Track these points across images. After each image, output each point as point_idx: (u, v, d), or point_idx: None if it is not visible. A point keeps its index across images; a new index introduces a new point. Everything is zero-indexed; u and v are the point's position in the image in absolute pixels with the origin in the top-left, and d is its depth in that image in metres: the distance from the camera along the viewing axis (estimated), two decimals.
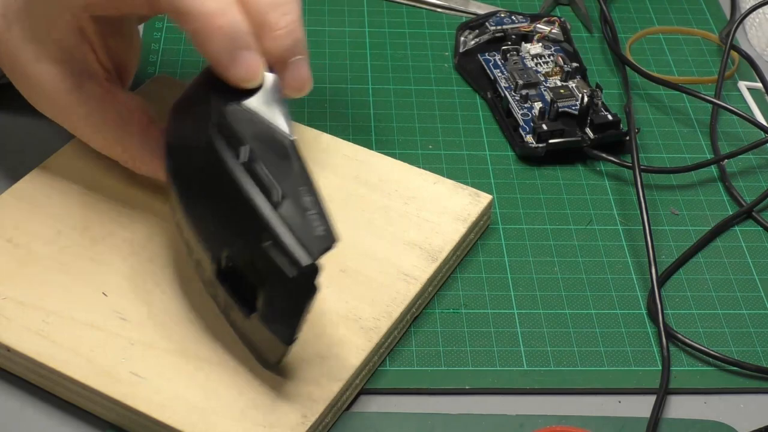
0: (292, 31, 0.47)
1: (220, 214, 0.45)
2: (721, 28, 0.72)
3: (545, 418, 0.48)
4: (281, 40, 0.47)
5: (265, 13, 0.46)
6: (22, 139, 0.59)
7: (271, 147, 0.45)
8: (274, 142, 0.46)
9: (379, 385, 0.49)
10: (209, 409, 0.45)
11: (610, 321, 0.53)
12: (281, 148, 0.45)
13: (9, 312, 0.48)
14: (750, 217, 0.59)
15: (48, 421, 0.47)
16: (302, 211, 0.43)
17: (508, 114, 0.63)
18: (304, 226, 0.43)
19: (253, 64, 0.46)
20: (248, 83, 0.46)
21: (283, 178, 0.44)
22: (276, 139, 0.46)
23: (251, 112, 0.46)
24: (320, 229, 0.43)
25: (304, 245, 0.42)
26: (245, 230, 0.44)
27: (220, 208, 0.45)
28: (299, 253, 0.42)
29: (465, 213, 0.54)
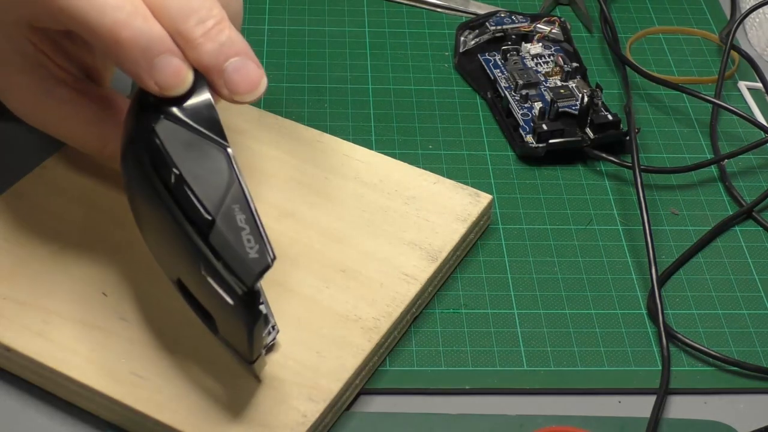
0: (214, 35, 0.44)
1: (162, 241, 0.45)
2: (721, 28, 0.72)
3: (545, 418, 0.48)
4: (203, 47, 0.44)
5: (180, 23, 0.44)
6: (22, 139, 0.59)
7: (202, 162, 0.43)
8: (206, 155, 0.43)
9: (379, 385, 0.49)
10: (209, 409, 0.45)
11: (610, 321, 0.53)
12: (214, 161, 0.43)
13: (9, 312, 0.48)
14: (750, 217, 0.59)
15: (48, 421, 0.47)
16: (236, 232, 0.42)
17: (508, 114, 0.63)
18: (237, 249, 0.41)
19: (173, 68, 0.43)
20: (172, 90, 0.44)
21: (214, 197, 0.42)
22: (208, 151, 0.43)
23: (183, 124, 0.44)
24: (254, 250, 0.41)
25: (236, 273, 0.41)
26: (185, 258, 0.43)
27: (161, 236, 0.44)
28: (232, 282, 0.41)
29: (465, 213, 0.54)
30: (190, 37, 0.44)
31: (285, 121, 0.59)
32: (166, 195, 0.43)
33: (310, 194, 0.54)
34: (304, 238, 0.52)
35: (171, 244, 0.44)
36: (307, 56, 0.67)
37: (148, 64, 0.43)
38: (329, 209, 0.54)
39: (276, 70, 0.66)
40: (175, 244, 0.43)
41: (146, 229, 0.46)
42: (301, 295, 0.50)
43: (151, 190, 0.44)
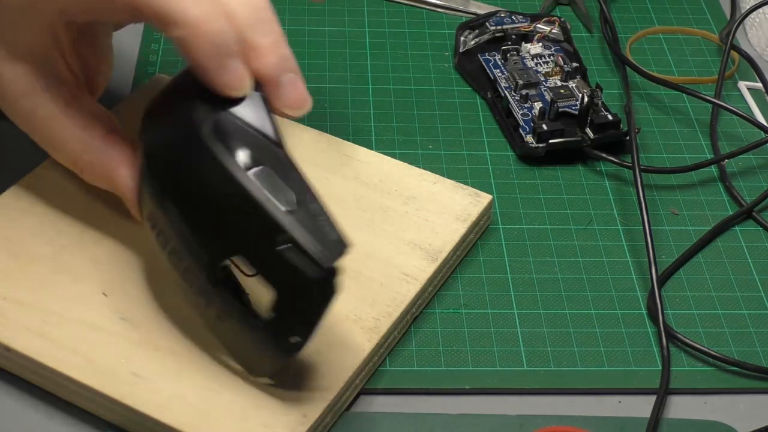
0: (277, 48, 0.46)
1: (223, 219, 0.44)
2: (721, 28, 0.72)
3: (545, 418, 0.48)
4: (268, 59, 0.46)
5: (249, 32, 0.46)
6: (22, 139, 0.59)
7: (268, 154, 0.45)
8: (269, 150, 0.45)
9: (379, 385, 0.49)
10: (209, 409, 0.45)
11: (610, 321, 0.53)
12: (277, 156, 0.45)
13: (9, 312, 0.48)
14: (750, 217, 0.59)
15: (48, 421, 0.47)
16: (313, 217, 0.43)
17: (508, 114, 0.63)
18: (318, 230, 0.43)
19: (241, 72, 0.45)
20: (237, 92, 0.45)
21: (288, 184, 0.44)
22: (270, 147, 0.45)
23: (242, 121, 0.45)
24: (334, 233, 0.43)
25: (324, 247, 0.42)
26: (256, 235, 0.43)
27: (222, 213, 0.44)
28: (321, 255, 0.42)
29: (465, 213, 0.54)
30: (257, 45, 0.46)
31: (285, 121, 0.58)
32: (244, 173, 0.43)
33: None
34: None
35: (237, 224, 0.44)
36: (307, 56, 0.67)
37: (218, 63, 0.45)
38: None
39: None
40: (244, 222, 0.43)
41: (187, 214, 0.45)
42: None
43: (218, 170, 0.44)
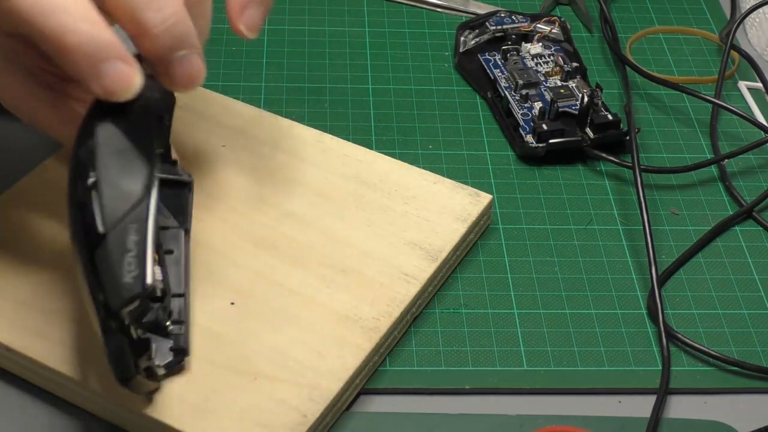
0: (170, 27, 0.44)
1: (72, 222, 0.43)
2: (721, 28, 0.72)
3: (545, 418, 0.48)
4: (158, 40, 0.44)
5: (138, 12, 0.43)
6: (22, 139, 0.59)
7: (124, 173, 0.43)
8: (131, 166, 0.43)
9: (379, 385, 0.49)
10: (209, 409, 0.45)
11: (610, 321, 0.53)
12: (135, 175, 0.43)
13: (9, 312, 0.48)
14: (750, 217, 0.59)
15: (48, 421, 0.47)
16: (121, 252, 0.41)
17: (508, 114, 0.63)
18: (115, 269, 0.41)
19: (119, 74, 0.43)
20: (119, 95, 0.43)
21: (118, 211, 0.42)
22: (134, 164, 0.43)
23: (125, 130, 0.44)
24: (131, 275, 0.40)
25: (108, 293, 0.40)
26: (80, 264, 0.42)
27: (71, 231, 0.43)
28: (104, 300, 0.41)
29: (465, 213, 0.54)
30: (149, 25, 0.43)
31: (285, 121, 0.59)
32: (81, 196, 0.42)
33: (310, 194, 0.54)
34: (304, 238, 0.52)
35: (75, 243, 0.43)
36: (307, 56, 0.67)
37: (94, 70, 0.43)
38: (329, 209, 0.54)
39: (276, 70, 0.66)
40: (76, 246, 0.42)
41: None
42: (301, 295, 0.50)
43: (72, 190, 0.43)
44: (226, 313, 0.48)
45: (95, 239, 0.41)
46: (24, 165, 0.56)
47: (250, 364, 0.47)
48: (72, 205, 0.43)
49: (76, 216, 0.42)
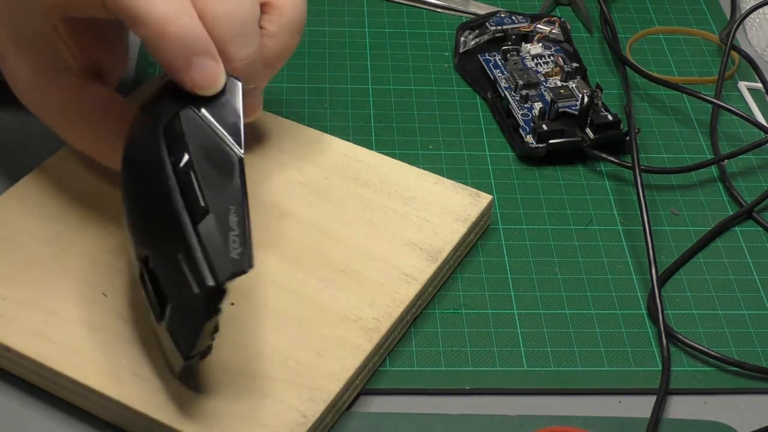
0: (249, 63, 0.47)
1: (150, 217, 0.45)
2: (721, 28, 0.72)
3: (545, 418, 0.48)
4: (235, 71, 0.47)
5: (228, 41, 0.46)
6: (22, 139, 0.59)
7: (214, 159, 0.44)
8: (220, 154, 0.45)
9: (379, 385, 0.49)
10: (209, 409, 0.45)
11: (610, 321, 0.53)
12: (225, 163, 0.44)
13: (9, 312, 0.48)
14: (750, 217, 0.59)
15: (48, 421, 0.47)
16: (225, 231, 0.42)
17: (508, 114, 0.63)
18: (221, 245, 0.42)
19: (209, 70, 0.45)
20: (204, 90, 0.45)
21: (216, 193, 0.43)
22: (222, 151, 0.45)
23: (205, 120, 0.45)
24: (237, 252, 0.41)
25: (213, 265, 0.41)
26: (166, 238, 0.43)
27: (150, 211, 0.44)
28: (206, 272, 0.41)
29: (465, 213, 0.54)
30: (234, 58, 0.46)
31: (285, 121, 0.59)
32: (172, 175, 0.44)
33: (310, 194, 0.54)
34: (304, 238, 0.52)
35: (157, 224, 0.44)
36: (307, 56, 0.67)
37: (186, 62, 0.45)
38: (329, 209, 0.54)
39: None
40: (161, 223, 0.43)
41: (132, 206, 0.46)
42: (301, 295, 0.50)
43: (156, 167, 0.44)
44: (226, 313, 0.48)
45: (199, 214, 0.42)
46: (24, 165, 0.56)
47: (250, 364, 0.47)
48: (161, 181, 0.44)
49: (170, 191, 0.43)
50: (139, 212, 0.45)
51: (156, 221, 0.44)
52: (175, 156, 0.44)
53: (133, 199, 0.46)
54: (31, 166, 0.55)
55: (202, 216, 0.42)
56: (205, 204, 0.43)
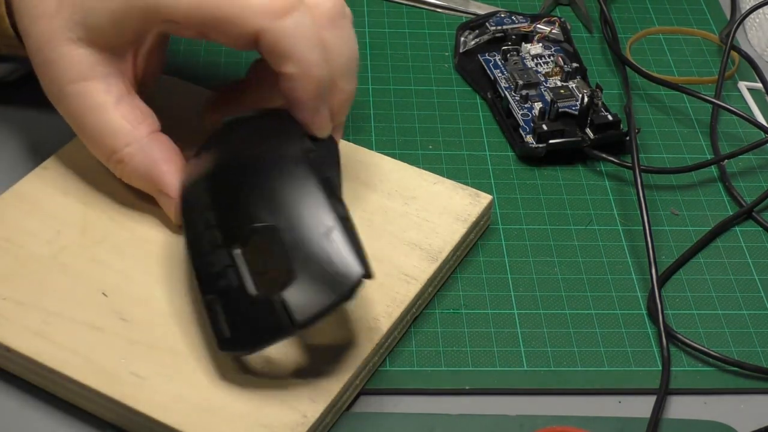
0: (350, 97, 0.51)
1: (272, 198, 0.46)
2: (721, 28, 0.72)
3: (545, 418, 0.48)
4: (341, 105, 0.51)
5: (339, 77, 0.50)
6: (23, 138, 0.59)
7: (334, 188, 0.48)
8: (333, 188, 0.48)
9: (379, 385, 0.49)
10: (209, 409, 0.45)
11: (610, 321, 0.53)
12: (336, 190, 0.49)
13: (9, 312, 0.48)
14: (750, 217, 0.59)
15: (48, 421, 0.47)
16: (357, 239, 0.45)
17: (508, 114, 0.63)
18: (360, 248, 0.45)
19: (328, 116, 0.50)
20: (323, 132, 0.50)
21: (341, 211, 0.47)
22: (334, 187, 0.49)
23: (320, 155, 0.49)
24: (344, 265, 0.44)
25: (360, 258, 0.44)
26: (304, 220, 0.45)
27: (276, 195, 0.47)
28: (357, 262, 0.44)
29: (465, 213, 0.54)
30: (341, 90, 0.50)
31: None
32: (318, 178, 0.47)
33: None
34: None
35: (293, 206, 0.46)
36: None
37: (316, 105, 0.49)
38: None
39: None
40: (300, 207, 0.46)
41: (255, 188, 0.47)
42: None
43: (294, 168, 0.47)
44: None
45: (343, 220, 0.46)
46: (24, 165, 0.56)
47: (250, 364, 0.47)
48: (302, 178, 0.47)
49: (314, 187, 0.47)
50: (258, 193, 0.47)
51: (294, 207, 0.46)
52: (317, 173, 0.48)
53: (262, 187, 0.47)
54: (31, 166, 0.55)
55: (345, 220, 0.46)
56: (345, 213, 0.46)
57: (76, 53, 0.50)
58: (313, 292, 0.44)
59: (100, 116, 0.50)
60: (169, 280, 0.50)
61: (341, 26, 0.50)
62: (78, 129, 0.52)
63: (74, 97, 0.51)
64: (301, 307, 0.43)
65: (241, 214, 0.46)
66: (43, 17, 0.50)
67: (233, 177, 0.48)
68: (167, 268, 0.50)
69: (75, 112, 0.51)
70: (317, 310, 0.44)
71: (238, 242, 0.46)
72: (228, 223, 0.46)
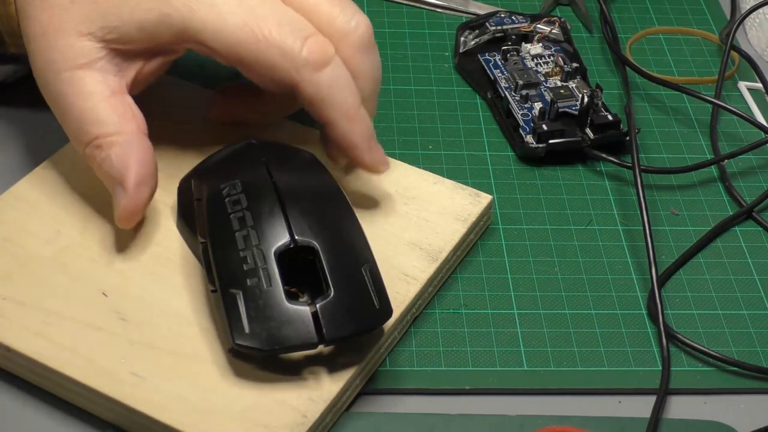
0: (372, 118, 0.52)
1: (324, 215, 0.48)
2: (721, 28, 0.72)
3: (545, 418, 0.48)
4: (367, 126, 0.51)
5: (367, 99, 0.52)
6: (23, 138, 0.59)
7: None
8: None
9: (379, 385, 0.49)
10: (209, 409, 0.45)
11: (610, 321, 0.53)
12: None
13: (9, 312, 0.48)
14: (750, 217, 0.59)
15: (48, 421, 0.47)
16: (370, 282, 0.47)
17: (508, 114, 0.63)
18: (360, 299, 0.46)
19: (382, 152, 0.52)
20: (381, 169, 0.52)
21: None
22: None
23: None
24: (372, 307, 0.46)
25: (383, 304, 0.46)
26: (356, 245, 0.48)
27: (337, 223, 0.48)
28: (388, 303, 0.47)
29: (465, 213, 0.54)
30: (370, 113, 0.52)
31: (285, 122, 0.59)
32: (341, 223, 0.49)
33: None
34: None
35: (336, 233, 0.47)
36: None
37: (368, 143, 0.51)
38: None
39: None
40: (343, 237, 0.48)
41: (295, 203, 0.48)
42: None
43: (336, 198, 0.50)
44: None
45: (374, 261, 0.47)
46: (24, 165, 0.56)
47: (250, 364, 0.47)
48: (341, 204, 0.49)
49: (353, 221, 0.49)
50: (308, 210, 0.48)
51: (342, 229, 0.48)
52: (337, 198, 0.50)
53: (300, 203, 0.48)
54: (31, 166, 0.55)
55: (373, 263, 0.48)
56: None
57: (83, 44, 0.49)
58: (344, 316, 0.45)
59: (89, 103, 0.50)
60: (169, 280, 0.50)
61: (371, 53, 0.51)
62: (61, 111, 0.50)
63: (67, 83, 0.50)
64: (332, 326, 0.45)
65: (282, 225, 0.47)
66: (55, 7, 0.50)
67: (269, 189, 0.48)
68: (167, 267, 0.50)
69: (64, 96, 0.50)
70: (346, 333, 0.45)
71: (276, 248, 0.46)
72: (268, 228, 0.47)
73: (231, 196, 0.48)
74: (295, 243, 0.46)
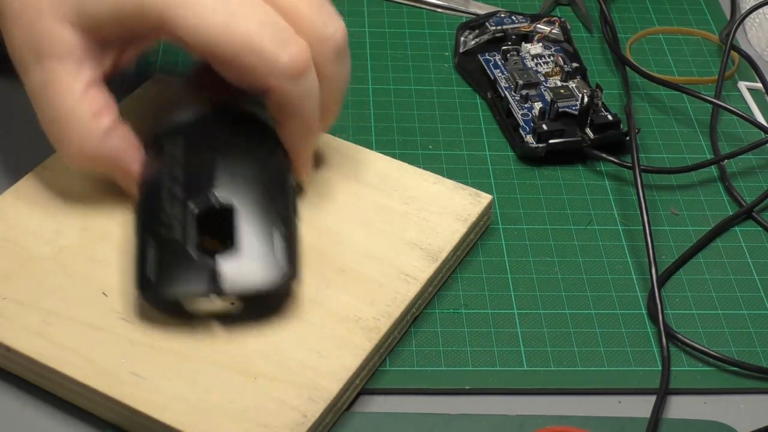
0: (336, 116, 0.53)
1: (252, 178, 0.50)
2: (721, 28, 0.72)
3: (545, 418, 0.48)
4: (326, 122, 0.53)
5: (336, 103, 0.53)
6: (23, 139, 0.59)
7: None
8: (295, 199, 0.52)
9: (379, 385, 0.49)
10: (209, 409, 0.45)
11: (610, 321, 0.53)
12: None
13: (9, 312, 0.48)
14: (750, 217, 0.59)
15: (48, 421, 0.47)
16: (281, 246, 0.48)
17: (508, 114, 0.63)
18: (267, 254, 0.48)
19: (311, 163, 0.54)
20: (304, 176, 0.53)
21: None
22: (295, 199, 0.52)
23: None
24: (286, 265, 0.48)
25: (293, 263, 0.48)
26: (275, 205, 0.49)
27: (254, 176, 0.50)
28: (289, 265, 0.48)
29: (465, 213, 0.54)
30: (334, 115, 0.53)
31: None
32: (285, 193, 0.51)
33: (310, 194, 0.54)
34: (303, 238, 0.52)
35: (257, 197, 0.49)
36: None
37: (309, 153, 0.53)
38: (329, 209, 0.54)
39: None
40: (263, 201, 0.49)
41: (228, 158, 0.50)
42: (301, 295, 0.50)
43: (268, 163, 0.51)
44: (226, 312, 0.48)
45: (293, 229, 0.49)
46: (24, 165, 0.56)
47: (250, 363, 0.47)
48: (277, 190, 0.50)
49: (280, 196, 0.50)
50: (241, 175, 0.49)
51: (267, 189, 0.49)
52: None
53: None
54: (31, 166, 0.55)
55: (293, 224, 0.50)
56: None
57: (59, 30, 0.49)
58: (244, 271, 0.47)
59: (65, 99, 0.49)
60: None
61: (345, 60, 0.52)
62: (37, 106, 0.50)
63: (41, 73, 0.49)
64: (230, 281, 0.46)
65: (207, 184, 0.49)
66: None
67: (209, 147, 0.50)
68: None
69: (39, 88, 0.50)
70: (240, 287, 0.47)
71: (195, 205, 0.48)
72: (192, 185, 0.49)
73: (168, 149, 0.50)
74: (213, 202, 0.48)
